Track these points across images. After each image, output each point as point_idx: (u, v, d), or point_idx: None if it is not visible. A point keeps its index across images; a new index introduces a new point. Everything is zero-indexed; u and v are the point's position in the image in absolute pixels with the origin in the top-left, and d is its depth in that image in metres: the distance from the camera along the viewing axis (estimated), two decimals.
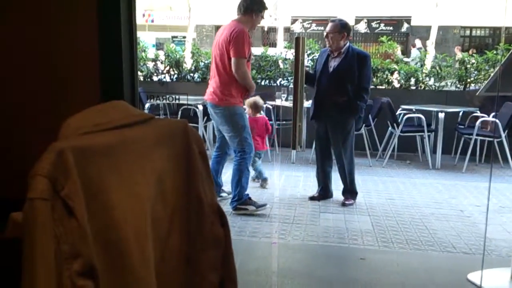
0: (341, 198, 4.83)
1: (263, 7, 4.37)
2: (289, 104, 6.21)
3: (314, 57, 5.46)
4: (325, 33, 4.75)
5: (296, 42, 2.66)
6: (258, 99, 5.47)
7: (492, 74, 6.36)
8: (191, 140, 1.04)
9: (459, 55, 8.03)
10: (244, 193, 4.44)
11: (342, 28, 4.64)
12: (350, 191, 4.84)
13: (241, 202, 4.41)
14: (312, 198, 4.91)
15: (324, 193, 4.93)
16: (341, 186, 4.88)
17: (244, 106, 4.70)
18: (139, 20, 18.48)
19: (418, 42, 13.46)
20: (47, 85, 1.89)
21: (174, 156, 1.02)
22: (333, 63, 4.69)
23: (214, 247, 1.05)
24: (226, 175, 4.89)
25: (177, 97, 3.49)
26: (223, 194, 4.82)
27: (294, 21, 19.09)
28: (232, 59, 4.21)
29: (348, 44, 4.69)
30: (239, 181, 4.39)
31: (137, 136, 0.96)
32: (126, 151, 0.92)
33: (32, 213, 0.78)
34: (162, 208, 0.98)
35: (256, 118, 5.45)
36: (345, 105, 4.63)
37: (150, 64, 7.95)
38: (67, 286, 0.78)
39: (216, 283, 1.06)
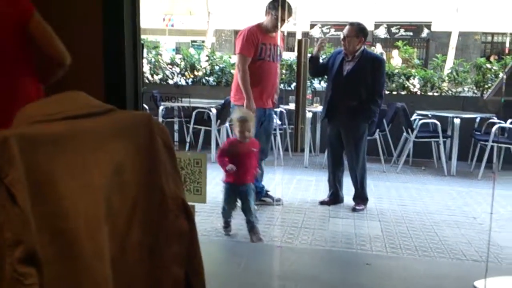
0: (352, 203, 4.78)
1: (274, 7, 4.37)
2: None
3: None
4: (341, 35, 4.70)
5: (299, 44, 2.64)
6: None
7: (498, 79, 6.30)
8: (155, 133, 1.04)
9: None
10: (258, 186, 4.46)
11: (359, 31, 4.60)
12: (361, 197, 4.79)
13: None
14: (322, 203, 4.87)
15: (334, 198, 4.89)
16: (353, 191, 4.83)
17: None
18: (160, 24, 18.67)
19: (378, 47, 13.45)
20: (51, 88, 1.91)
21: (136, 148, 1.01)
22: (347, 67, 4.65)
23: (178, 240, 1.04)
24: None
25: (181, 99, 3.50)
26: (266, 199, 4.74)
27: (313, 26, 19.04)
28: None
29: (363, 48, 4.65)
30: None
31: (91, 126, 0.97)
32: (77, 141, 0.92)
33: None
34: (120, 200, 0.97)
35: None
36: (358, 109, 4.59)
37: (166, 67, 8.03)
38: (9, 273, 0.79)
39: (181, 277, 1.05)
